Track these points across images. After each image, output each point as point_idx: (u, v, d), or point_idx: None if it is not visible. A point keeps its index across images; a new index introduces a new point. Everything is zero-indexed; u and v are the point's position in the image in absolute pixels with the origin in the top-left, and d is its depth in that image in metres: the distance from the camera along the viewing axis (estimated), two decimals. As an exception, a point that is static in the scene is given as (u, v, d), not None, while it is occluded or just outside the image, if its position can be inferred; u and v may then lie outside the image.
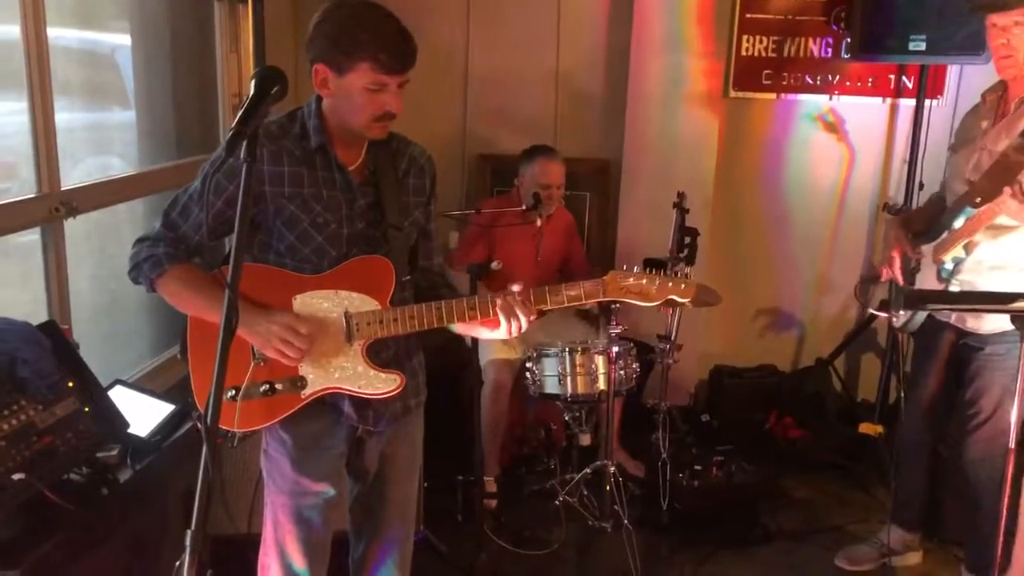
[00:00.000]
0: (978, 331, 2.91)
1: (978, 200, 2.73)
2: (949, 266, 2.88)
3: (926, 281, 2.96)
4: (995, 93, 2.93)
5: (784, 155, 4.50)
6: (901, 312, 3.12)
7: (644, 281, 2.06)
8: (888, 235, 3.12)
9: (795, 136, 4.47)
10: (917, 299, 2.63)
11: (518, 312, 2.01)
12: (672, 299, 2.08)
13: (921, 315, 3.08)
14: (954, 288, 2.87)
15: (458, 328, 2.13)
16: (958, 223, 2.82)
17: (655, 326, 3.75)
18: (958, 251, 2.84)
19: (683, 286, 2.08)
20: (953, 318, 2.98)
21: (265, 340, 1.98)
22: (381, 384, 2.05)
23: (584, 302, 2.09)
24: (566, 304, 2.08)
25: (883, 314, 3.32)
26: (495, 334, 2.08)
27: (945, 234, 2.88)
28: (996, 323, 2.80)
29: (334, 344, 2.04)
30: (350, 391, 2.06)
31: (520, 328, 2.03)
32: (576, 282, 2.07)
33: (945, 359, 3.11)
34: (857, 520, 3.69)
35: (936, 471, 3.35)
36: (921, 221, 3.10)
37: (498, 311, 2.02)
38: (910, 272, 3.04)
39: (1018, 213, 2.70)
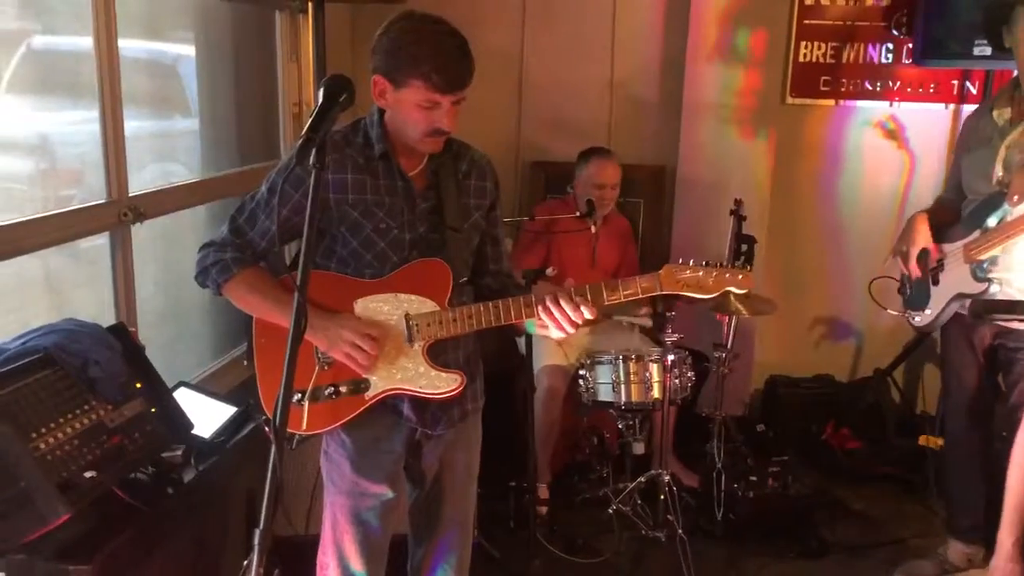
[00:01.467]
0: (1016, 327, 2.86)
1: (1016, 198, 2.76)
2: (986, 265, 2.86)
3: (959, 280, 2.93)
4: (1008, 93, 2.94)
5: (842, 162, 4.43)
6: (927, 311, 3.09)
7: (700, 273, 2.05)
8: (912, 230, 3.09)
9: (854, 143, 4.40)
10: (986, 308, 2.59)
11: (566, 307, 2.00)
12: (730, 290, 2.06)
13: (947, 314, 3.04)
14: (995, 287, 2.84)
15: (536, 328, 2.11)
16: (992, 221, 2.82)
17: (711, 335, 3.72)
18: (995, 250, 2.83)
19: (740, 276, 2.06)
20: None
21: (333, 342, 2.01)
22: (442, 383, 2.07)
23: (640, 296, 2.07)
24: (622, 300, 2.06)
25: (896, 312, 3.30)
26: (552, 332, 2.07)
27: (977, 233, 2.88)
28: None
29: (395, 346, 2.07)
30: (412, 391, 2.08)
31: (573, 325, 2.02)
32: (631, 278, 2.06)
33: (983, 354, 3.07)
34: (917, 534, 3.61)
35: (993, 478, 3.27)
36: (940, 220, 3.08)
37: (541, 312, 2.01)
38: (929, 271, 3.04)
39: None
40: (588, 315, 2.03)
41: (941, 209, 3.15)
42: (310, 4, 3.26)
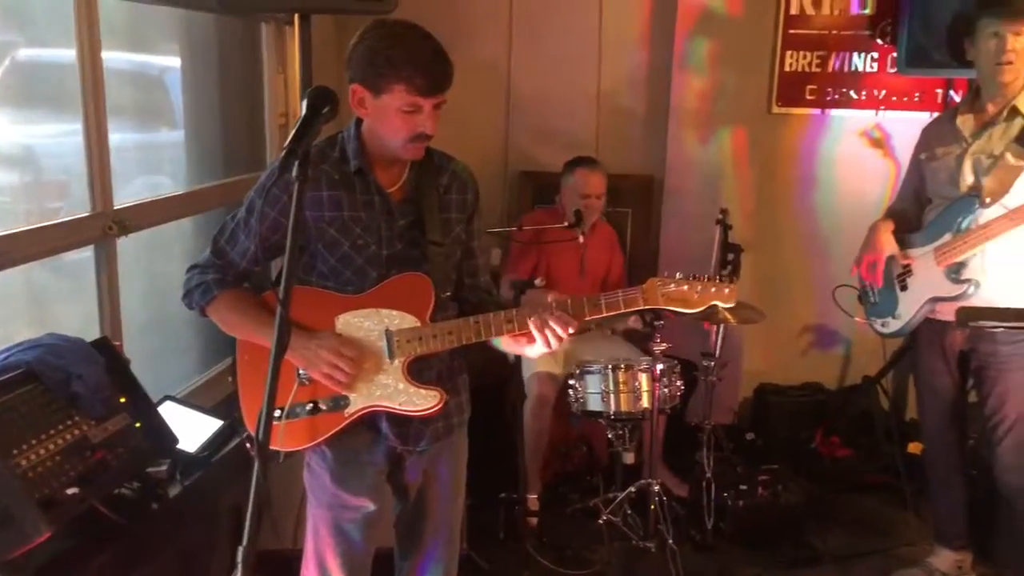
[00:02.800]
0: (987, 329, 2.90)
1: (988, 200, 2.84)
2: (960, 268, 2.91)
3: (932, 284, 2.98)
4: (969, 102, 3.01)
5: (829, 171, 4.44)
6: (897, 317, 3.12)
7: (685, 287, 2.03)
8: (877, 238, 3.11)
9: (840, 152, 4.41)
10: (972, 316, 2.62)
11: (552, 324, 2.00)
12: (715, 304, 2.06)
13: (919, 318, 3.06)
14: (972, 289, 2.88)
15: (503, 346, 2.13)
16: (964, 224, 2.87)
17: (699, 344, 3.72)
18: (970, 252, 2.88)
19: (726, 290, 2.05)
20: None
21: (311, 363, 2.01)
22: (421, 401, 2.05)
23: (623, 311, 2.06)
24: (605, 314, 2.05)
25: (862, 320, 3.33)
26: (535, 350, 2.06)
27: (948, 236, 2.93)
28: None
29: (376, 362, 2.05)
30: (390, 408, 2.06)
31: (559, 340, 2.02)
32: (614, 291, 2.05)
33: (955, 359, 3.11)
34: (907, 542, 3.60)
35: (977, 484, 3.28)
36: (902, 227, 3.12)
37: (530, 325, 2.01)
38: (895, 277, 3.08)
39: None
40: (571, 330, 2.02)
41: (895, 219, 3.17)
42: (296, 15, 3.26)
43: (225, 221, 2.13)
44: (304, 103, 1.70)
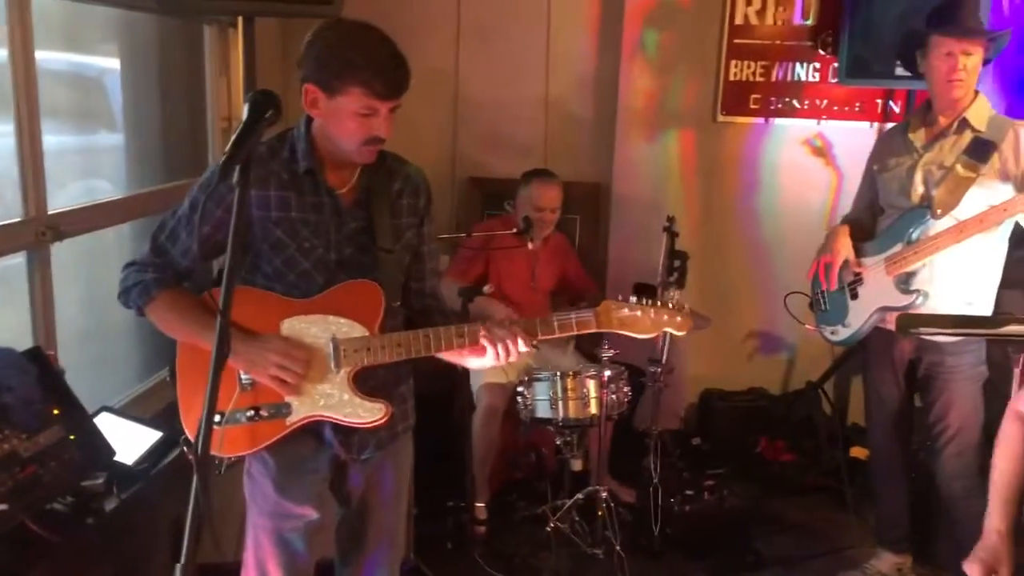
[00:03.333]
0: (935, 339, 2.96)
1: (939, 212, 2.88)
2: (910, 278, 2.97)
3: (882, 293, 3.02)
4: (921, 115, 3.07)
5: (773, 179, 4.51)
6: (846, 325, 3.17)
7: (639, 313, 2.05)
8: (835, 241, 3.15)
9: (783, 160, 4.48)
10: (912, 322, 2.66)
11: (507, 341, 1.99)
12: (667, 331, 2.07)
13: (867, 327, 3.11)
14: (920, 299, 2.94)
15: (446, 356, 2.11)
16: (916, 234, 2.93)
17: (646, 350, 3.73)
18: (919, 262, 2.93)
19: (679, 319, 2.07)
20: None
21: (256, 366, 1.96)
22: (366, 413, 2.02)
23: (576, 332, 2.07)
24: (557, 335, 2.06)
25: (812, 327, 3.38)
26: (483, 363, 2.05)
27: (899, 246, 2.97)
28: None
29: (320, 371, 2.01)
30: (334, 419, 2.03)
31: (509, 357, 2.01)
32: (567, 313, 2.05)
33: (903, 368, 3.17)
34: (850, 545, 3.66)
35: (918, 488, 3.35)
36: (858, 236, 3.17)
37: (482, 340, 1.99)
38: (847, 285, 3.13)
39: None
40: (523, 347, 2.01)
41: (857, 226, 3.22)
42: (240, 18, 3.21)
43: (164, 218, 2.06)
44: (246, 107, 1.66)
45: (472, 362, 2.08)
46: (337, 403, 2.01)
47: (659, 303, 2.06)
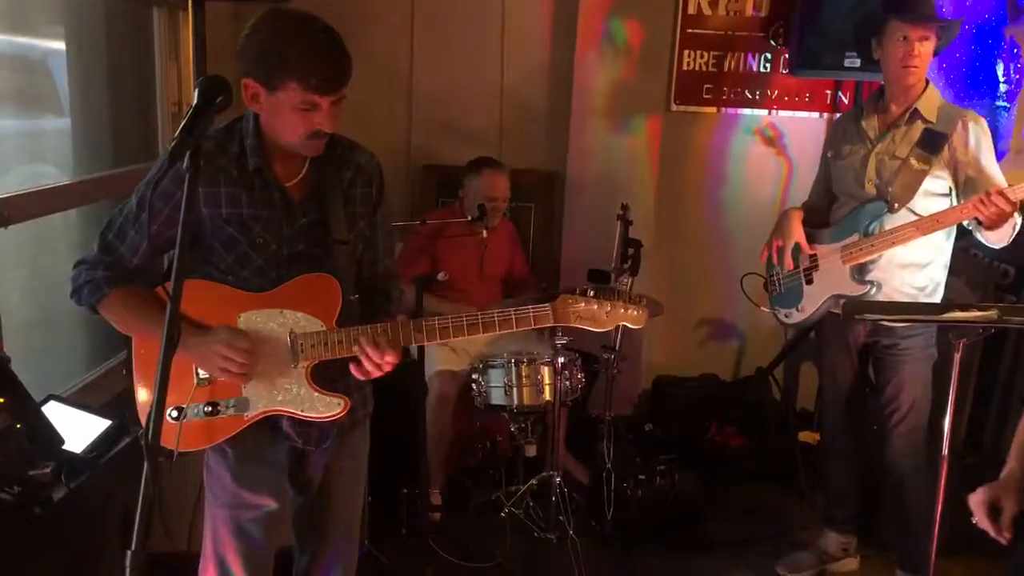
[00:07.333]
0: (889, 324, 3.02)
1: (896, 206, 2.94)
2: (866, 268, 3.02)
3: (836, 281, 3.08)
4: (873, 102, 3.11)
5: (725, 168, 4.57)
6: (800, 309, 3.22)
7: (595, 307, 2.05)
8: (787, 224, 3.21)
9: (735, 150, 4.54)
10: (859, 309, 2.72)
11: (380, 344, 1.98)
12: (623, 325, 2.09)
13: (820, 312, 3.17)
14: (874, 290, 3.00)
15: None
16: (873, 227, 2.98)
17: (600, 337, 3.75)
18: (876, 255, 2.99)
19: (635, 313, 2.08)
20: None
21: (205, 359, 1.95)
22: (324, 408, 2.02)
23: (533, 327, 2.08)
24: (515, 329, 2.06)
25: (767, 309, 3.42)
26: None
27: (856, 236, 3.02)
28: None
29: (278, 365, 2.00)
30: (292, 413, 2.03)
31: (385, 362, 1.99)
32: (525, 307, 2.05)
33: (857, 352, 3.24)
34: (798, 527, 3.74)
35: (864, 470, 3.43)
36: (808, 223, 3.22)
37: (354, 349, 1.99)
38: (803, 270, 3.18)
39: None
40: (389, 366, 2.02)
41: (809, 213, 3.28)
42: (190, 2, 3.16)
43: (112, 215, 2.03)
44: (196, 92, 1.64)
45: None
46: (295, 397, 2.01)
47: (616, 297, 2.07)
